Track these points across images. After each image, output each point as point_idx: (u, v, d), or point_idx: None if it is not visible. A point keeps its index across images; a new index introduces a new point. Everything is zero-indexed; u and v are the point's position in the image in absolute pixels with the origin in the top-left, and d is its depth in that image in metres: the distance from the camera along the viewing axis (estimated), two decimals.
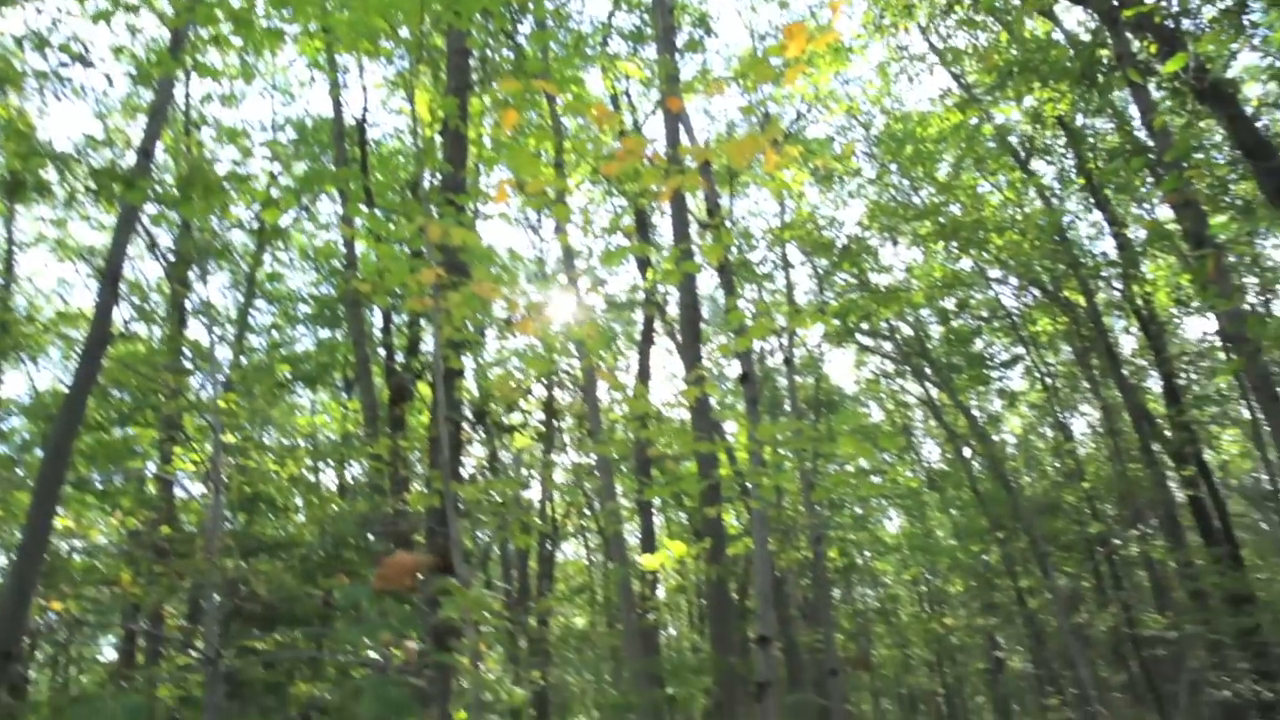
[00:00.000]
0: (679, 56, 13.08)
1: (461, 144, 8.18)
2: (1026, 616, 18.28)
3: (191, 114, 15.23)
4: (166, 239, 15.14)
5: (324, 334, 18.08)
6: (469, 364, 15.83)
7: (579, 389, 16.36)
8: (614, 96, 15.61)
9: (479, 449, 17.47)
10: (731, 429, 19.17)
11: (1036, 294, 16.47)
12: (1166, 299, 14.80)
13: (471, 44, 9.83)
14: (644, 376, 15.71)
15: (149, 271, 20.05)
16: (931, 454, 23.96)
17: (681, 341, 12.12)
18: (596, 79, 15.85)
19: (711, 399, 12.40)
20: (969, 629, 22.76)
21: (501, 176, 14.55)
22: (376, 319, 14.62)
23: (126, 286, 15.24)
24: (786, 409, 18.43)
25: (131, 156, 11.15)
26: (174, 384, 11.05)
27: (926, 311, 18.02)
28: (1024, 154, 15.51)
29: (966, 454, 19.06)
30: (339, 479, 16.35)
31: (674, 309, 15.40)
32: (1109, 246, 16.62)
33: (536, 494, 19.58)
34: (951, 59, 15.33)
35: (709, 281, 17.52)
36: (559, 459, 19.16)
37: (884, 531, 24.70)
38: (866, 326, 17.74)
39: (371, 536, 9.90)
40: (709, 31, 15.53)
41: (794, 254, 16.49)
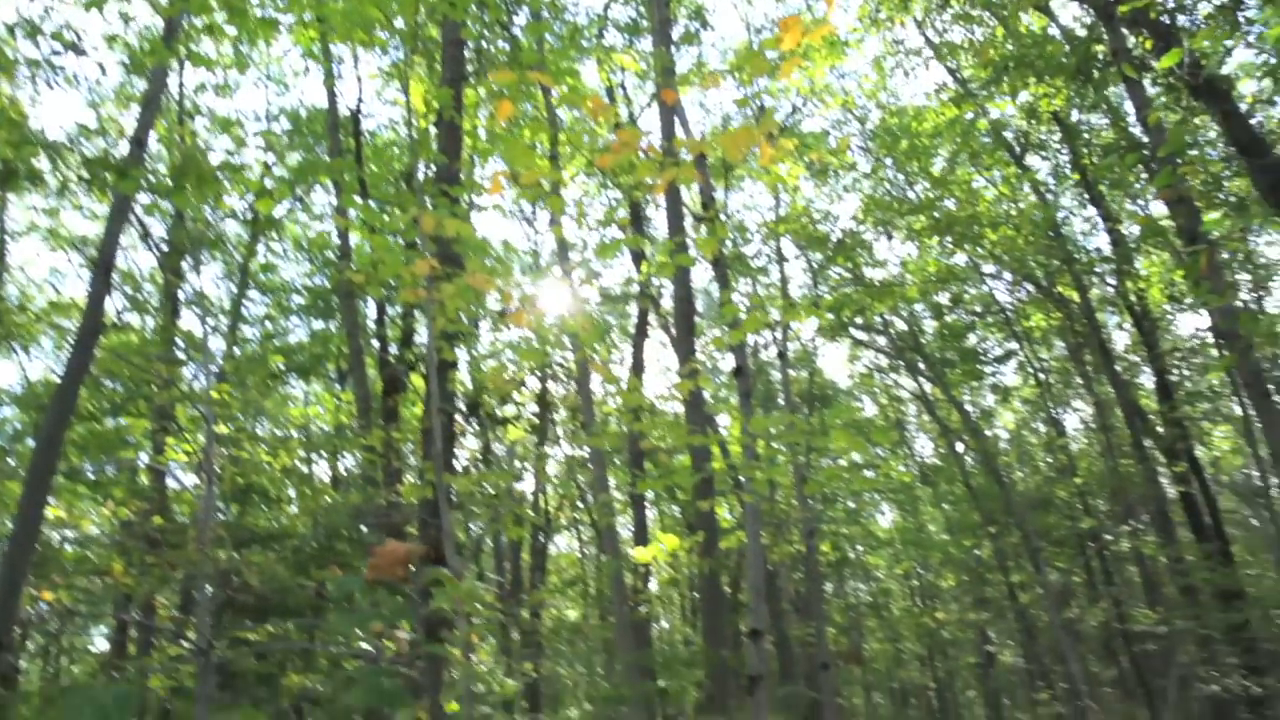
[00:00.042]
0: (675, 49, 13.07)
1: (456, 135, 8.16)
2: (1018, 611, 18.34)
3: (185, 103, 15.18)
4: (160, 229, 15.09)
5: (317, 325, 18.08)
6: (463, 356, 15.82)
7: (573, 381, 16.36)
8: (609, 89, 15.59)
9: (472, 441, 17.44)
10: (725, 422, 19.24)
11: (1030, 289, 16.51)
12: (1160, 295, 14.84)
13: (466, 35, 9.80)
14: (638, 369, 15.71)
15: (142, 261, 20.04)
16: (924, 449, 24.03)
17: (675, 335, 12.12)
18: (592, 71, 15.83)
19: (705, 392, 12.40)
20: (960, 623, 22.85)
21: (496, 168, 14.49)
22: (370, 310, 14.60)
23: (119, 276, 15.19)
24: (780, 403, 18.45)
25: (125, 146, 11.11)
26: (167, 374, 11.04)
27: (920, 306, 18.04)
28: (1019, 149, 15.52)
29: (959, 449, 19.10)
30: (332, 470, 16.34)
31: (668, 302, 15.41)
32: (1103, 242, 16.67)
33: (529, 486, 19.60)
34: (947, 53, 15.32)
35: (703, 275, 17.54)
36: (552, 451, 19.17)
37: (876, 526, 24.77)
38: (860, 321, 17.76)
39: (364, 528, 9.90)
40: (705, 24, 15.53)
41: (789, 248, 16.50)
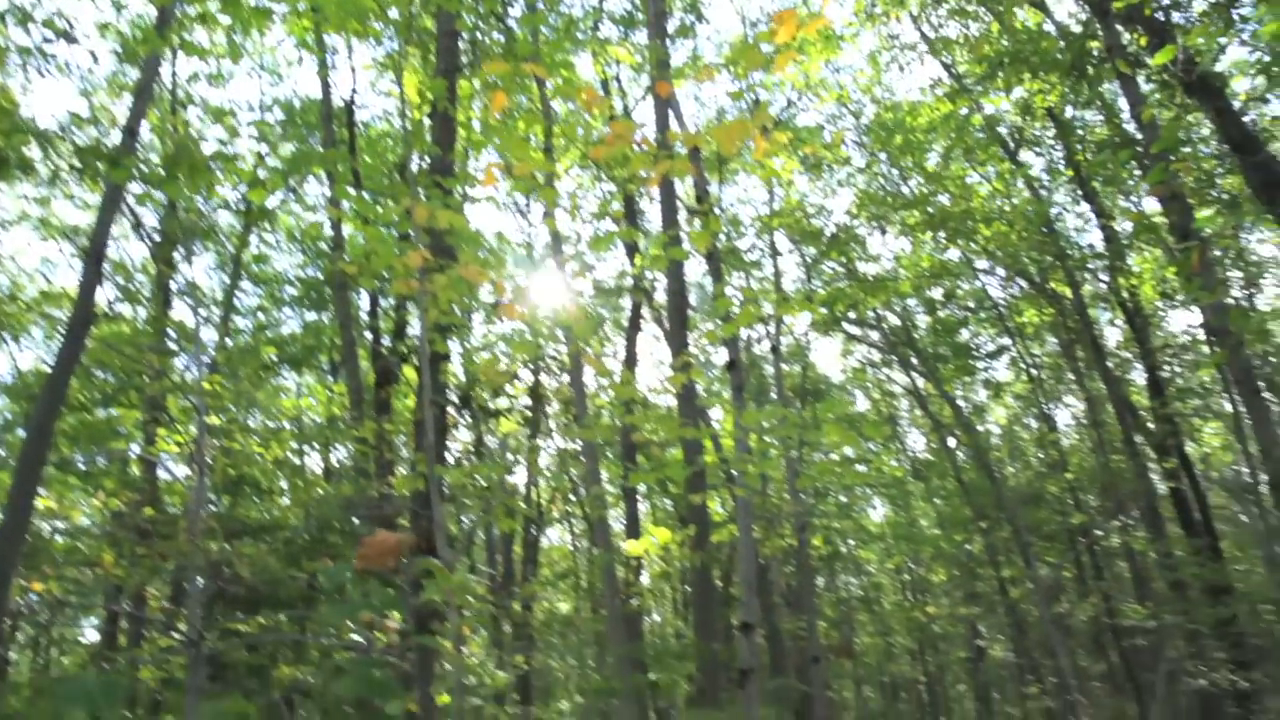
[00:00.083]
0: (670, 42, 13.05)
1: (450, 127, 8.14)
2: (1008, 606, 18.40)
3: (178, 93, 15.11)
4: (152, 219, 15.02)
5: (310, 316, 18.05)
6: (455, 348, 15.78)
7: (565, 374, 16.35)
8: (604, 81, 15.56)
9: (465, 433, 17.45)
10: (717, 416, 19.26)
11: (1023, 285, 16.54)
12: (1152, 292, 14.87)
13: (461, 26, 9.76)
14: (631, 362, 15.72)
15: (134, 252, 19.93)
16: (916, 443, 24.07)
17: (668, 328, 12.13)
18: (587, 64, 15.81)
19: (698, 386, 12.41)
20: (951, 618, 22.93)
21: (490, 160, 14.50)
22: (363, 302, 14.57)
23: (110, 266, 15.10)
24: (773, 397, 18.46)
25: (116, 135, 11.04)
26: (158, 365, 10.99)
27: (913, 301, 18.07)
28: (1013, 145, 15.53)
29: (951, 444, 19.14)
30: (324, 462, 16.33)
31: (662, 295, 15.41)
32: (1096, 238, 16.72)
33: (522, 479, 19.60)
34: (942, 48, 15.32)
35: (697, 268, 17.53)
36: (545, 444, 19.17)
37: (868, 520, 24.82)
38: (853, 315, 17.79)
39: (356, 520, 9.88)
40: (700, 17, 15.50)
41: (782, 242, 16.51)
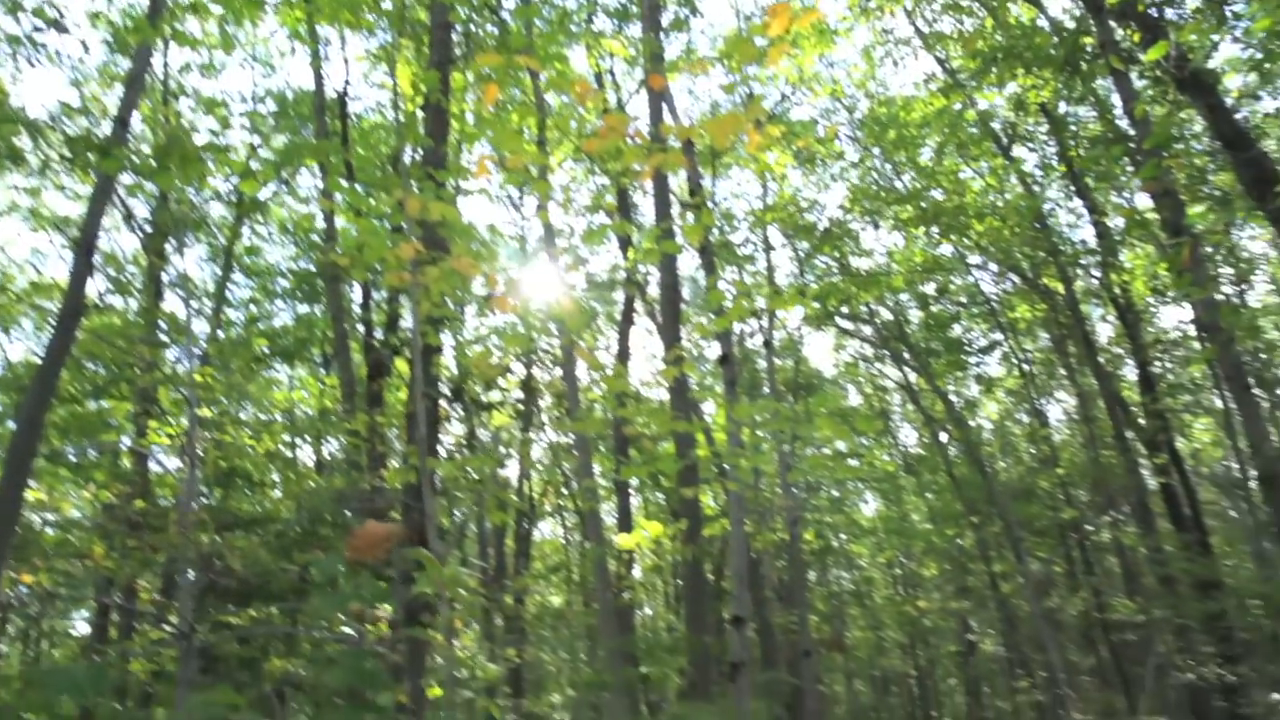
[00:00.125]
0: (664, 35, 13.02)
1: (443, 119, 8.12)
2: (999, 600, 18.47)
3: (170, 83, 15.04)
4: (143, 210, 14.96)
5: (302, 309, 17.99)
6: (448, 340, 15.77)
7: (558, 367, 16.34)
8: (598, 74, 15.52)
9: (457, 426, 17.43)
10: (710, 410, 19.26)
11: (1015, 280, 16.57)
12: (1143, 288, 14.91)
13: (454, 18, 9.73)
14: (623, 356, 15.71)
15: (125, 243, 19.89)
16: (908, 438, 24.14)
17: (661, 322, 12.12)
18: (581, 56, 15.78)
19: (690, 379, 12.41)
20: (942, 612, 23.00)
21: (483, 152, 14.46)
22: (355, 294, 14.54)
23: (102, 258, 15.04)
24: (765, 391, 18.48)
25: (108, 125, 11.00)
26: (149, 357, 10.97)
27: (906, 296, 18.10)
28: (1006, 140, 15.55)
29: (943, 439, 19.19)
30: (316, 454, 16.30)
31: (654, 289, 15.39)
32: (1088, 234, 16.74)
33: (514, 472, 19.59)
34: (936, 43, 15.33)
35: (690, 262, 17.50)
36: (537, 437, 19.16)
37: (860, 514, 24.89)
38: (846, 310, 17.80)
39: (348, 512, 9.87)
40: (694, 11, 15.45)
41: (775, 236, 16.51)
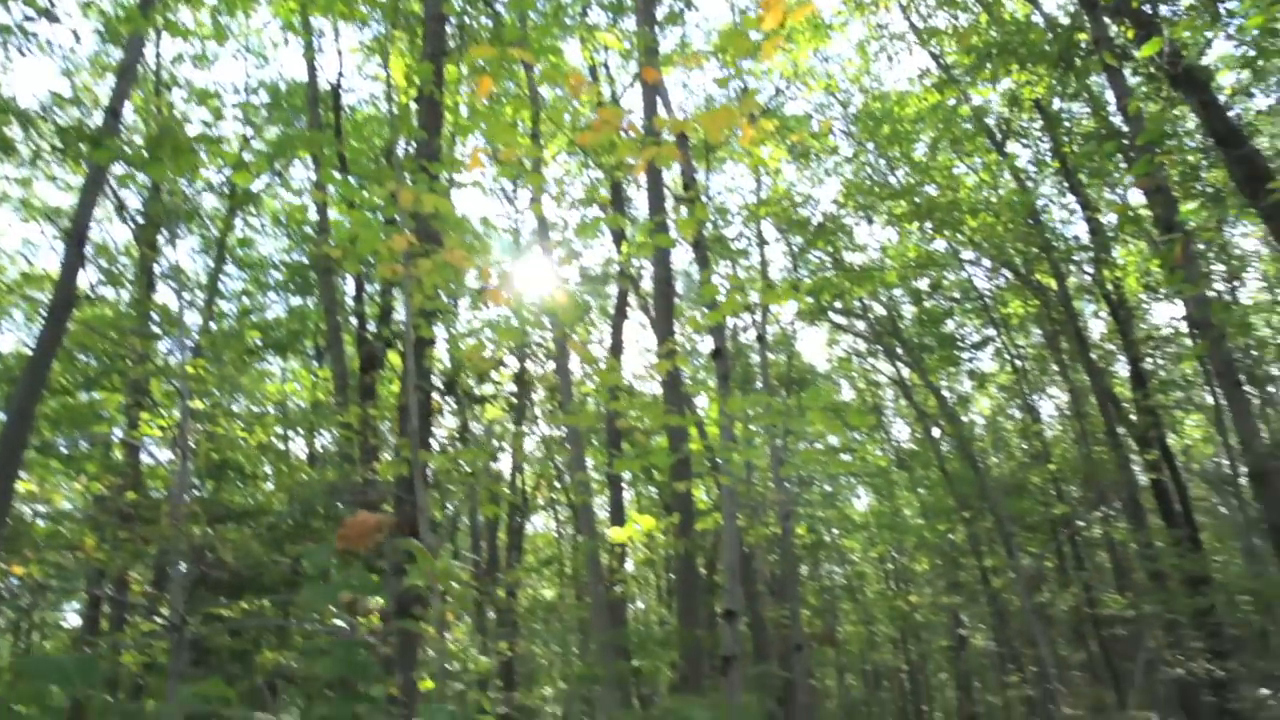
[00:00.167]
0: (658, 28, 13.00)
1: (437, 111, 8.10)
2: (990, 595, 18.53)
3: (162, 74, 14.98)
4: (135, 201, 14.94)
5: (295, 301, 17.97)
6: (440, 333, 15.74)
7: (551, 361, 16.33)
8: (592, 67, 15.49)
9: (449, 419, 17.42)
10: (703, 404, 19.27)
11: (1008, 276, 16.60)
12: (1136, 284, 14.95)
13: (448, 10, 9.71)
14: (616, 350, 15.70)
15: (117, 234, 19.76)
16: (901, 433, 24.17)
17: (654, 315, 12.11)
18: (575, 49, 15.73)
19: (684, 374, 12.42)
20: (933, 607, 23.08)
21: (477, 145, 14.43)
22: (348, 286, 14.52)
23: (93, 249, 14.99)
24: (758, 385, 18.50)
25: (99, 116, 10.94)
26: (141, 349, 10.94)
27: (899, 291, 18.12)
28: (1000, 136, 15.56)
29: (935, 434, 19.23)
30: (308, 447, 16.30)
31: (648, 283, 15.38)
32: (1081, 230, 16.76)
33: (506, 465, 19.59)
34: (930, 38, 15.33)
35: (684, 256, 17.52)
36: (530, 430, 19.16)
37: (852, 509, 24.93)
38: (839, 305, 17.82)
39: (340, 505, 9.86)
40: (689, 4, 15.42)
41: (769, 230, 16.50)
